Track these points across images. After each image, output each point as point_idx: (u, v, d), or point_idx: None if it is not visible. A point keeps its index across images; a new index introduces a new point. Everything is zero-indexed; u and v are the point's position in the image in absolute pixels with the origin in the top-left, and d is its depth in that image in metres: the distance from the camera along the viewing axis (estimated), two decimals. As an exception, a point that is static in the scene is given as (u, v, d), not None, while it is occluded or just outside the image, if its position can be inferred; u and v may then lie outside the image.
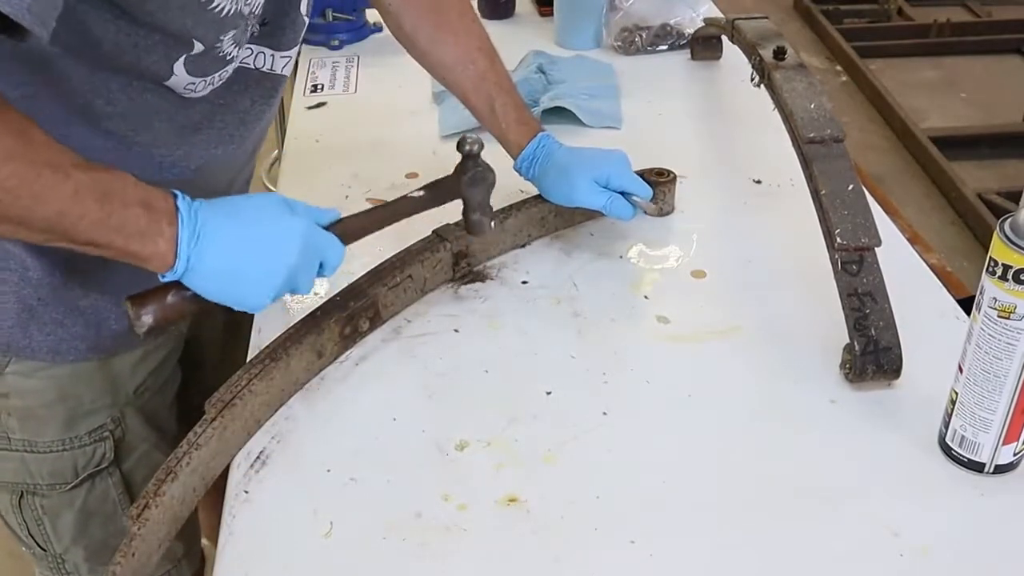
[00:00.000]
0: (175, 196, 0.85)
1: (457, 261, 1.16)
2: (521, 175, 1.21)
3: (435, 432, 0.96)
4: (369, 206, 1.32)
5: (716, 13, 1.81)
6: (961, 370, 0.88)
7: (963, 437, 0.90)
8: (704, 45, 1.73)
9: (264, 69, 1.02)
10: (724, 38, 1.68)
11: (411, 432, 0.96)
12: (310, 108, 1.59)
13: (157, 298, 0.88)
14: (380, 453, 0.94)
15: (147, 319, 0.87)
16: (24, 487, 1.09)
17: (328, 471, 0.92)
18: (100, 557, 1.15)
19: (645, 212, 1.23)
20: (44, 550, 1.14)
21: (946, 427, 0.92)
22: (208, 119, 0.99)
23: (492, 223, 1.10)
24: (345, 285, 1.08)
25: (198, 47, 0.89)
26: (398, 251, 1.13)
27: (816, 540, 0.85)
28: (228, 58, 0.94)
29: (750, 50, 1.36)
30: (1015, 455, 0.89)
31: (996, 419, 0.87)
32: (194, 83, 0.93)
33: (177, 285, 0.87)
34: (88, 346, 1.04)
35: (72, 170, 0.78)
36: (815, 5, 4.53)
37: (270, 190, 1.46)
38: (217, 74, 0.95)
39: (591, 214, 1.27)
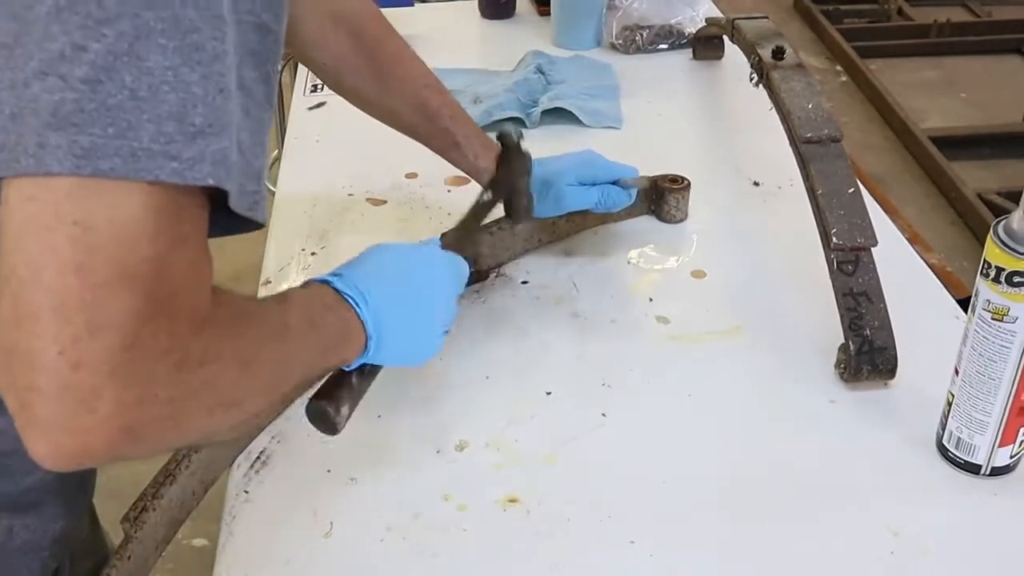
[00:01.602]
0: (326, 281, 0.78)
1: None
2: None
3: (435, 432, 0.96)
4: (370, 206, 1.33)
5: (715, 13, 1.81)
6: (957, 372, 0.89)
7: (959, 439, 0.90)
8: (706, 45, 1.74)
9: None
10: (726, 38, 1.68)
11: (411, 432, 0.96)
12: (310, 108, 1.59)
13: (341, 388, 0.80)
14: (380, 453, 0.94)
15: (346, 411, 0.80)
16: None
17: (328, 471, 0.92)
18: None
19: (637, 189, 1.22)
20: None
21: (943, 429, 0.92)
22: None
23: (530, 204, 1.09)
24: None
25: None
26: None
27: (816, 540, 0.85)
28: None
29: (749, 50, 1.36)
30: (1011, 457, 0.90)
31: (992, 421, 0.87)
32: None
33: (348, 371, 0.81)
34: None
35: (286, 317, 0.70)
36: (815, 5, 4.53)
37: (271, 191, 1.46)
38: None
39: (602, 219, 1.27)
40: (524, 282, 1.18)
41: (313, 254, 1.23)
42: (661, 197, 1.28)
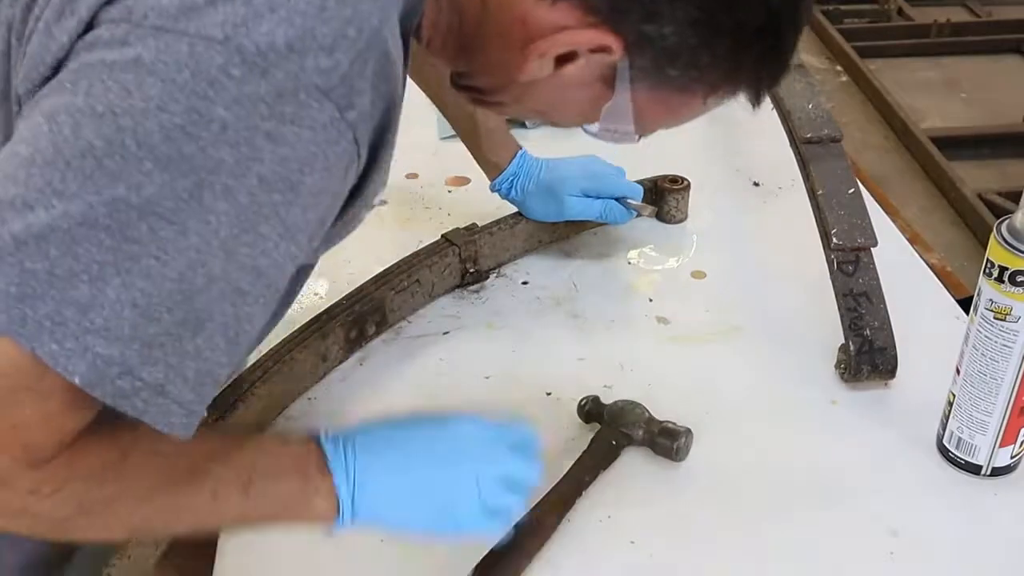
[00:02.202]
0: (316, 438, 0.74)
1: (466, 266, 1.16)
2: (500, 195, 1.20)
3: (435, 433, 0.96)
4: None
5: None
6: (958, 372, 0.89)
7: (960, 439, 0.90)
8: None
9: None
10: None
11: (411, 433, 0.96)
12: (310, 109, 1.59)
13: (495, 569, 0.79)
14: (380, 453, 0.94)
15: None
16: None
17: (328, 471, 0.92)
18: None
19: (640, 213, 1.22)
20: None
21: (943, 429, 0.92)
22: None
23: (683, 440, 0.92)
24: (349, 288, 1.08)
25: None
26: (402, 254, 1.13)
27: (816, 540, 0.85)
28: None
29: (749, 51, 1.36)
30: (1012, 458, 0.89)
31: (993, 421, 0.87)
32: None
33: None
34: None
35: (209, 466, 0.68)
36: (815, 5, 4.52)
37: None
38: None
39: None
40: (524, 282, 1.18)
41: (313, 254, 1.23)
42: (661, 197, 1.28)
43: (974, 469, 0.90)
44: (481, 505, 0.75)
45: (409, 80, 1.00)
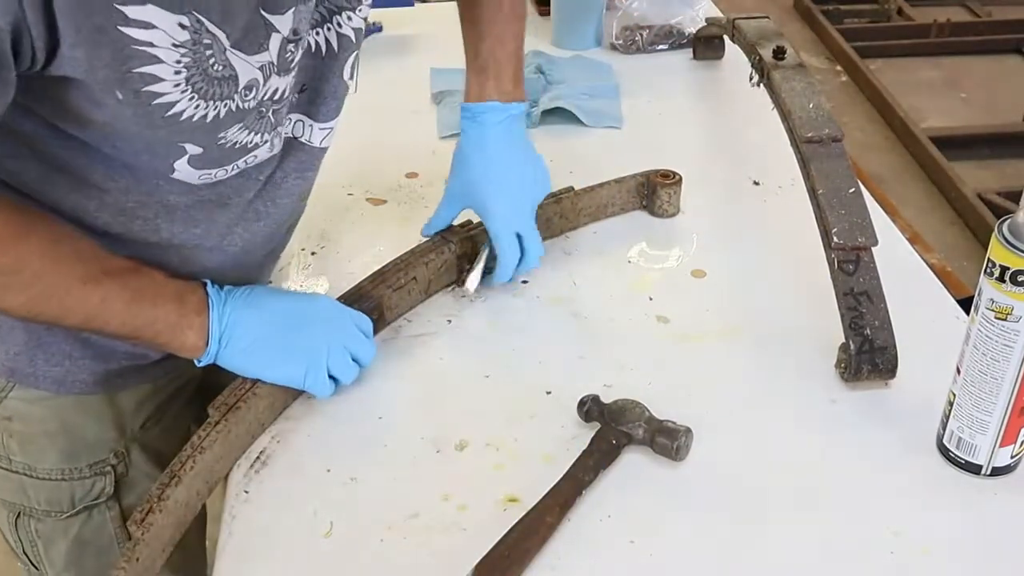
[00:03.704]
0: (205, 285, 0.91)
1: (462, 264, 1.16)
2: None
3: (435, 432, 0.96)
4: (370, 206, 1.33)
5: (715, 12, 1.81)
6: (959, 371, 0.89)
7: (960, 439, 0.90)
8: (706, 45, 1.73)
9: (301, 139, 0.97)
10: (726, 38, 1.68)
11: (411, 432, 0.96)
12: (310, 108, 1.59)
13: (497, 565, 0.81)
14: (380, 453, 0.94)
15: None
16: (21, 508, 1.08)
17: (328, 471, 0.92)
18: None
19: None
20: (37, 569, 1.12)
21: (944, 428, 0.92)
22: (231, 195, 0.93)
23: (683, 440, 0.92)
24: (349, 287, 1.08)
25: (194, 149, 0.82)
26: (401, 253, 1.13)
27: (816, 540, 0.85)
28: (249, 145, 0.86)
29: (750, 50, 1.36)
30: (1012, 457, 0.89)
31: (993, 421, 0.87)
32: (209, 173, 0.86)
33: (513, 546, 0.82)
34: (95, 380, 1.01)
35: (102, 278, 0.83)
36: (815, 5, 4.53)
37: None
38: (241, 160, 0.88)
39: (596, 215, 1.27)
40: (524, 282, 1.18)
41: (313, 254, 1.23)
42: (653, 192, 1.28)
43: (974, 469, 0.90)
44: (326, 369, 0.95)
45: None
